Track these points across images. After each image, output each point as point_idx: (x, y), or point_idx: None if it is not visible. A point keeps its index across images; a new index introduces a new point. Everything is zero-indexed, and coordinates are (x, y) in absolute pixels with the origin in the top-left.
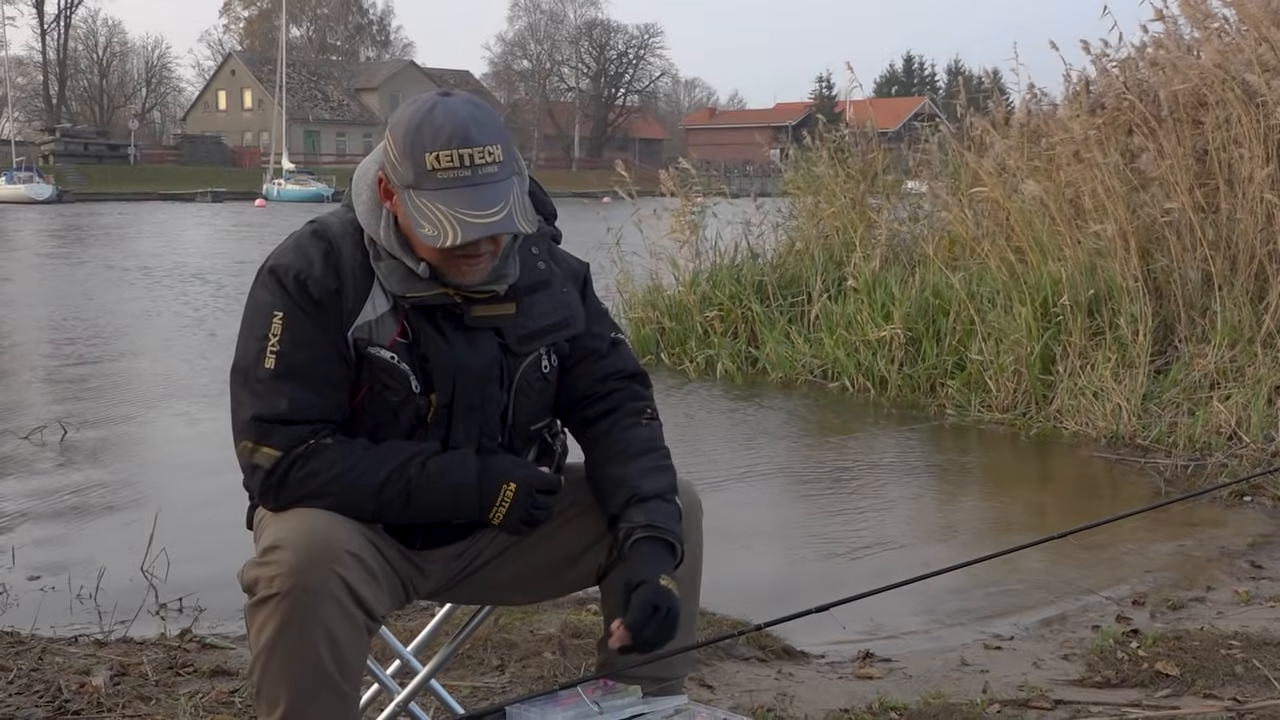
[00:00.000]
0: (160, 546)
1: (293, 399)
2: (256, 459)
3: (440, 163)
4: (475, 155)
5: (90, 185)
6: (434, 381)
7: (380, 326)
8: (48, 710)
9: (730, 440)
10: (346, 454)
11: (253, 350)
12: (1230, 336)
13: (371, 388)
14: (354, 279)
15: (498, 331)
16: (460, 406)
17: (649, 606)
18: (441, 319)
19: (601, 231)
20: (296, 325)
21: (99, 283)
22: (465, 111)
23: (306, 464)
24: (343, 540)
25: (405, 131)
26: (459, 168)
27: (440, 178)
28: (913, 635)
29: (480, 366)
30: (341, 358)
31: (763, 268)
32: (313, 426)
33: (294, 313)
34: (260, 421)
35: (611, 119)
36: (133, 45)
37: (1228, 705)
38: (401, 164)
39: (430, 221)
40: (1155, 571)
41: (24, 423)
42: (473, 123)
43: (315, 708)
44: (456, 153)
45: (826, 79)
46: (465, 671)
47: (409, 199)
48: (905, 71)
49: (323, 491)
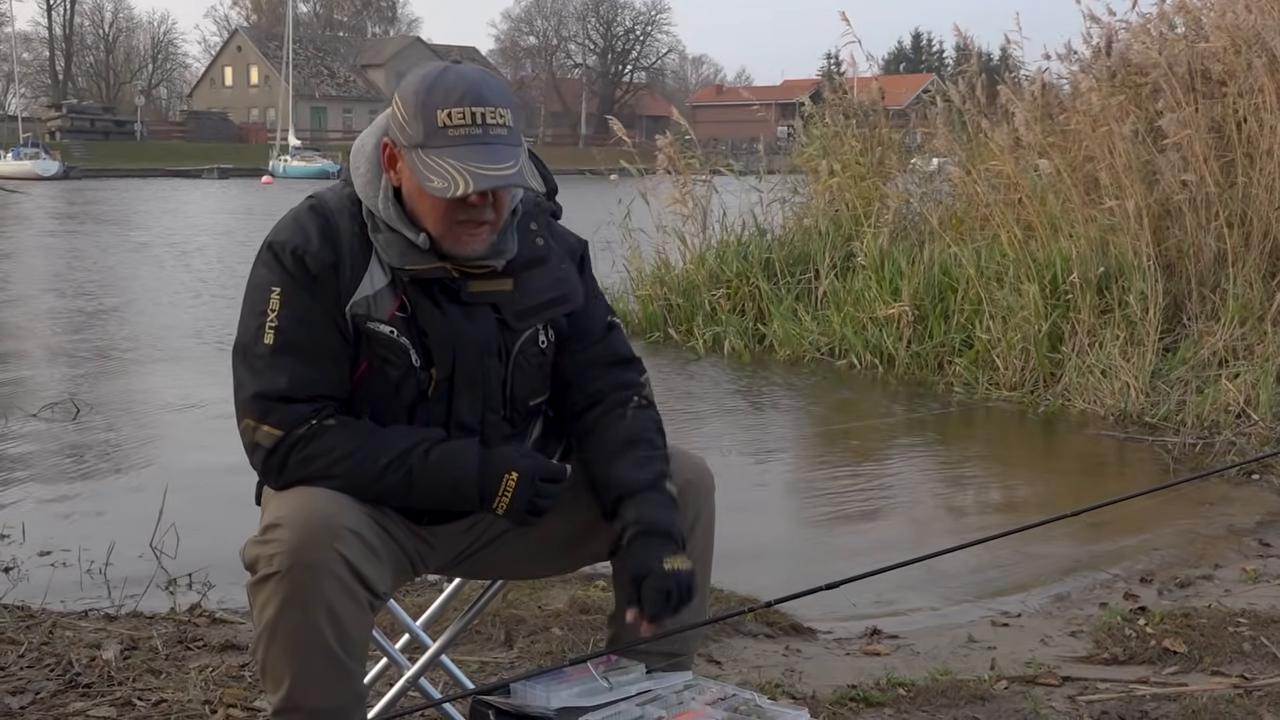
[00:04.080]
0: (170, 521)
1: (292, 375)
2: (258, 437)
3: (452, 119)
4: (487, 114)
5: (97, 161)
6: (433, 355)
7: (378, 301)
8: (59, 684)
9: (737, 417)
10: (349, 437)
11: (252, 327)
12: (1241, 314)
13: (371, 364)
14: (351, 253)
15: (495, 307)
16: (461, 380)
17: (661, 595)
18: (439, 294)
19: (608, 208)
20: (294, 301)
21: (106, 258)
22: (477, 75)
23: (308, 446)
24: (343, 517)
25: (416, 91)
26: (470, 125)
27: (451, 135)
28: (920, 612)
29: (479, 340)
30: (340, 333)
31: (770, 244)
32: (314, 405)
33: (291, 288)
34: (261, 399)
35: (618, 96)
36: (139, 21)
37: (1235, 682)
38: (411, 123)
39: (440, 175)
40: (1163, 549)
41: (34, 398)
42: (484, 85)
43: (319, 684)
44: (469, 110)
45: (834, 55)
46: (474, 647)
47: (417, 158)
48: (913, 48)
49: (324, 474)
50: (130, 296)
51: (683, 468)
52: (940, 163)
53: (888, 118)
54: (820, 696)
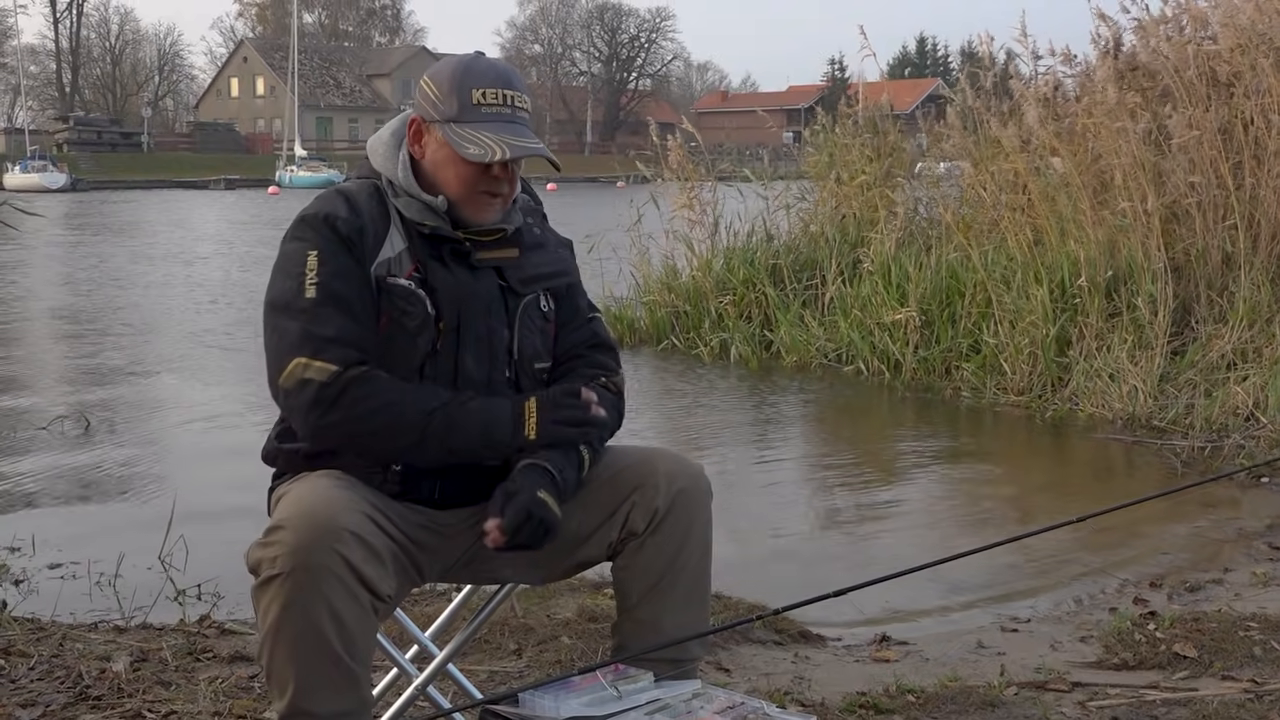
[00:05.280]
0: (178, 533)
1: (339, 325)
2: (310, 374)
3: (486, 98)
4: (515, 98)
5: (104, 173)
6: (441, 310)
7: (398, 262)
8: (69, 696)
9: (745, 424)
10: (396, 386)
11: (291, 287)
12: (1249, 316)
13: (391, 316)
14: (373, 221)
15: (500, 274)
16: (467, 334)
17: (524, 512)
18: (449, 258)
19: (614, 215)
20: (332, 259)
21: (115, 269)
22: (504, 64)
23: (364, 385)
24: (344, 520)
25: (452, 73)
26: (501, 105)
27: (484, 111)
28: (929, 618)
29: (484, 297)
30: (370, 291)
31: (777, 250)
32: (361, 353)
33: (328, 249)
34: (314, 338)
35: (623, 103)
36: (145, 33)
37: (1246, 687)
38: (445, 100)
39: (476, 144)
40: (1172, 553)
41: (44, 411)
42: (511, 73)
43: (324, 688)
44: (501, 91)
45: (839, 61)
46: (483, 656)
47: (450, 131)
48: (918, 53)
49: (374, 412)
50: (140, 308)
51: (678, 474)
52: (947, 167)
53: (896, 124)
54: (829, 704)
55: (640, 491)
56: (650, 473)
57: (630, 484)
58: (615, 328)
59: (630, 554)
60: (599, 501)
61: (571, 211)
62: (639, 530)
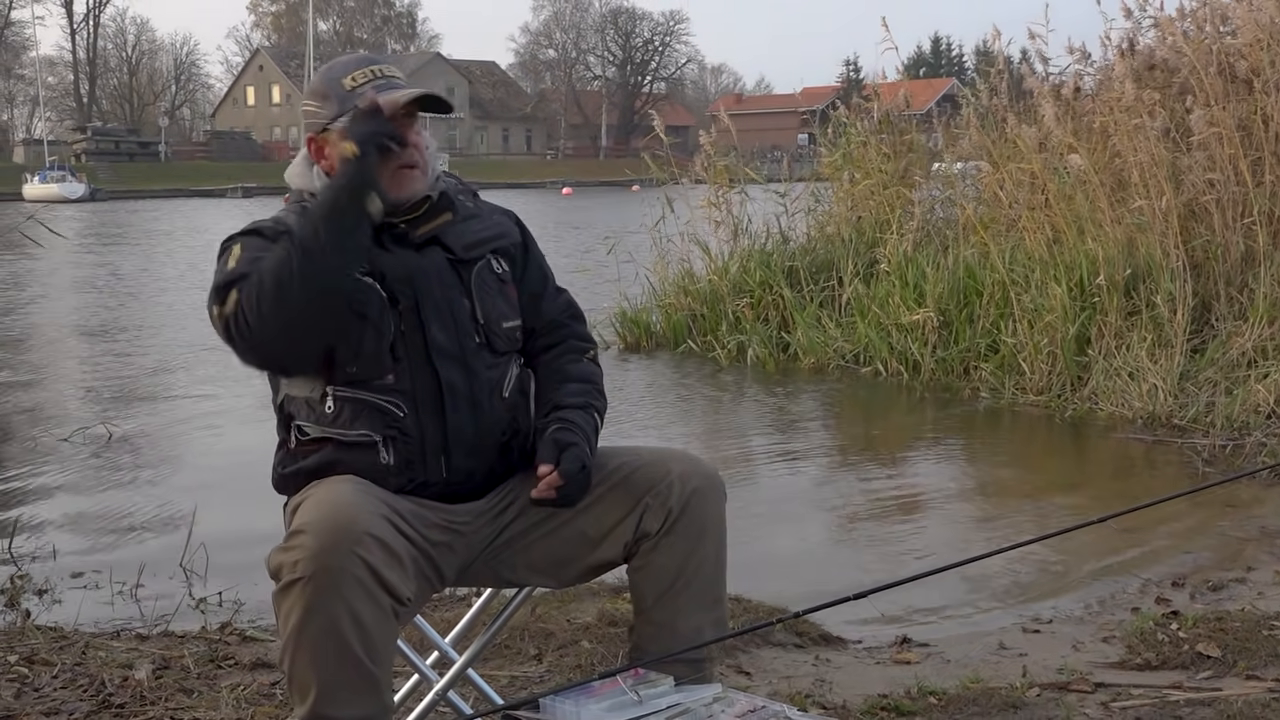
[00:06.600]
0: (199, 541)
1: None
2: (226, 310)
3: (356, 80)
4: (384, 69)
5: (122, 183)
6: (395, 290)
7: None
8: (92, 704)
9: (763, 426)
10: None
11: (218, 274)
12: (1270, 313)
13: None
14: None
15: (444, 247)
16: (427, 307)
17: (578, 462)
18: (390, 243)
19: (629, 218)
20: (254, 246)
21: (134, 278)
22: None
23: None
24: (365, 524)
25: (320, 81)
26: (374, 79)
27: (360, 91)
28: (950, 619)
29: (433, 270)
30: None
31: (794, 252)
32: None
33: (250, 241)
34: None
35: (638, 107)
36: (161, 43)
37: (1270, 686)
38: (325, 105)
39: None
40: (1194, 552)
41: (66, 422)
42: (374, 56)
43: (345, 692)
44: (368, 69)
45: (854, 62)
46: (503, 661)
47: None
48: (933, 53)
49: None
50: (160, 317)
51: (692, 474)
52: (964, 166)
53: (913, 124)
54: (851, 706)
55: (654, 492)
56: (664, 473)
57: (644, 485)
58: (631, 332)
59: (645, 555)
60: (614, 503)
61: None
62: (653, 531)
